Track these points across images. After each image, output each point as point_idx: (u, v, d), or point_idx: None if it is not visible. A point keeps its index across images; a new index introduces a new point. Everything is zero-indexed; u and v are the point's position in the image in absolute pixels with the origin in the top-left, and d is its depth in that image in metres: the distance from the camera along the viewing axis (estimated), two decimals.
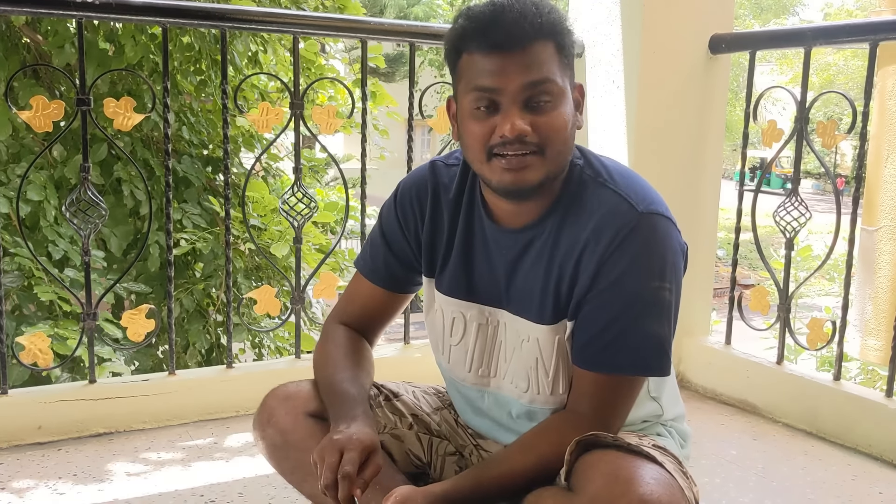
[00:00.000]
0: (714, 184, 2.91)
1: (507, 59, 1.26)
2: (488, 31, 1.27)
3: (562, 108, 1.29)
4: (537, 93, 1.27)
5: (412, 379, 1.76)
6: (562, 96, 1.29)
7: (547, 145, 1.29)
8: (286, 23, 2.43)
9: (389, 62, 18.48)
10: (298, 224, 2.55)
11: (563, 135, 1.30)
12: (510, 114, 1.27)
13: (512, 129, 1.26)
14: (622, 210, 1.33)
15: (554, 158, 1.31)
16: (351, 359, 1.53)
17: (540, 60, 1.27)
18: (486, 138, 1.30)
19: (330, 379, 1.47)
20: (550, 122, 1.28)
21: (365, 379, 1.51)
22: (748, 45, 2.72)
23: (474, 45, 1.29)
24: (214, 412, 2.46)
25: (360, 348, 1.57)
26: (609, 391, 1.36)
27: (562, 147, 1.31)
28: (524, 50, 1.26)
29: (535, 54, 1.27)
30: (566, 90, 1.31)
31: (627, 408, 1.39)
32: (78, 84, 2.23)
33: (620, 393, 1.37)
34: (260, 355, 4.80)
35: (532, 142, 1.28)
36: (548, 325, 1.40)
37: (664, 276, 1.33)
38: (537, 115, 1.28)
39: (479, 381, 1.53)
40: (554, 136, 1.29)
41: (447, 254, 1.51)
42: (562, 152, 1.32)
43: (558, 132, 1.29)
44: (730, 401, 2.72)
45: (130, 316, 2.40)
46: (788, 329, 2.60)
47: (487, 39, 1.27)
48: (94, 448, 2.24)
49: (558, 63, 1.29)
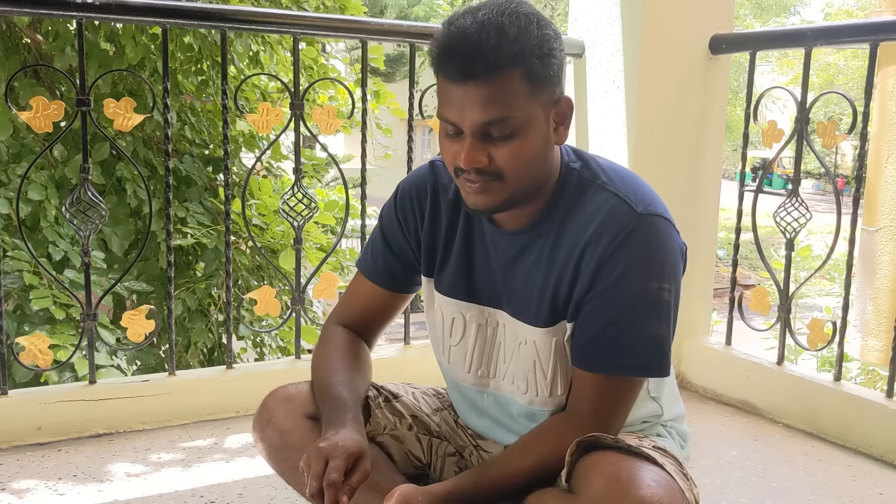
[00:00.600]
0: (714, 184, 2.91)
1: (468, 92, 1.24)
2: (452, 60, 1.24)
3: (524, 138, 1.27)
4: (495, 128, 1.26)
5: (412, 380, 1.76)
6: (525, 126, 1.27)
7: (506, 174, 1.28)
8: (286, 23, 2.43)
9: (390, 62, 18.45)
10: (299, 225, 2.55)
11: (522, 162, 1.29)
12: (467, 145, 1.27)
13: (466, 161, 1.27)
14: (621, 211, 1.33)
15: (515, 183, 1.30)
16: (347, 361, 1.52)
17: (500, 95, 1.23)
18: (452, 158, 1.31)
19: (324, 382, 1.47)
20: (509, 154, 1.27)
21: (360, 381, 1.50)
22: (748, 45, 2.72)
23: (442, 70, 1.27)
24: (214, 413, 2.46)
25: (357, 350, 1.57)
26: (609, 392, 1.36)
27: (522, 172, 1.30)
28: (484, 84, 1.23)
29: (496, 88, 1.23)
30: (533, 117, 1.28)
31: (627, 408, 1.39)
32: (78, 84, 2.23)
33: (620, 394, 1.37)
34: (261, 354, 4.81)
35: (489, 171, 1.28)
36: (543, 328, 1.41)
37: (663, 277, 1.33)
38: (497, 146, 1.27)
39: (478, 382, 1.54)
40: (512, 164, 1.28)
41: (446, 254, 1.52)
42: (524, 177, 1.31)
43: (517, 161, 1.28)
44: (730, 401, 2.72)
45: (130, 316, 2.40)
46: (789, 329, 2.59)
47: (449, 69, 1.25)
48: (94, 449, 2.24)
49: (525, 91, 1.25)
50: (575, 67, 2.92)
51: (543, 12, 1.41)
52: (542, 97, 1.29)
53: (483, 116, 1.25)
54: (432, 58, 1.30)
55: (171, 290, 2.47)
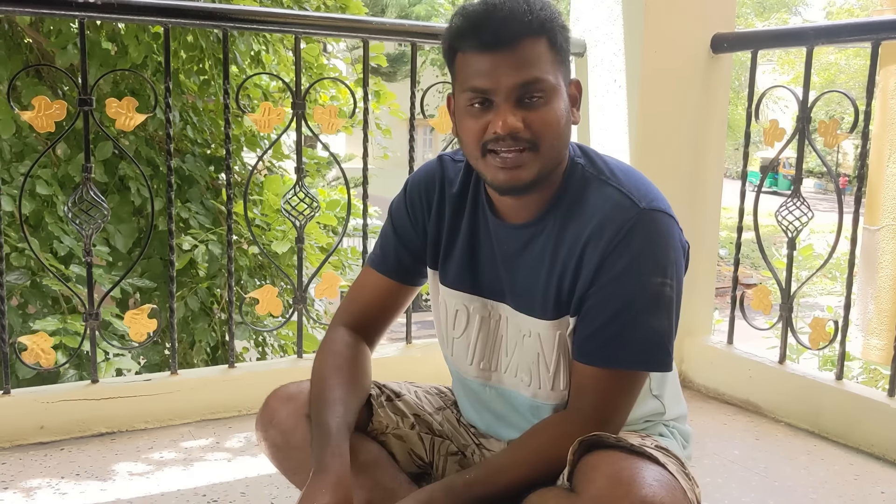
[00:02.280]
0: (716, 183, 2.91)
1: (499, 59, 1.27)
2: (480, 30, 1.28)
3: (554, 104, 1.31)
4: (529, 91, 1.28)
5: (414, 379, 1.76)
6: (554, 92, 1.30)
7: (540, 141, 1.30)
8: (288, 23, 2.43)
9: (391, 61, 18.44)
10: (300, 224, 2.56)
11: (555, 129, 1.31)
12: (502, 111, 1.29)
13: (504, 126, 1.28)
14: (624, 206, 1.34)
15: (547, 153, 1.32)
16: (343, 375, 1.49)
17: (531, 58, 1.28)
18: (480, 134, 1.32)
19: (317, 402, 1.44)
20: (543, 118, 1.30)
21: (353, 399, 1.47)
22: (750, 44, 2.72)
23: (467, 44, 1.30)
24: (217, 412, 2.47)
25: (356, 358, 1.54)
26: (610, 387, 1.36)
27: (555, 141, 1.32)
28: (515, 48, 1.27)
29: (526, 52, 1.27)
30: (559, 86, 1.32)
31: (629, 404, 1.39)
32: (80, 84, 2.23)
33: (622, 389, 1.37)
34: (263, 354, 4.81)
35: (525, 138, 1.29)
36: (549, 320, 1.41)
37: (666, 272, 1.33)
38: (530, 111, 1.29)
39: (480, 375, 1.54)
40: (547, 131, 1.30)
41: (449, 246, 1.52)
42: (555, 146, 1.33)
43: (551, 127, 1.30)
44: (732, 400, 2.72)
45: (133, 316, 2.41)
46: (791, 328, 2.59)
47: (479, 39, 1.28)
48: (96, 448, 2.24)
49: (550, 60, 1.30)
50: (576, 66, 2.92)
51: None
52: (563, 70, 1.34)
53: (518, 78, 1.28)
54: (453, 35, 1.33)
55: (173, 290, 2.48)
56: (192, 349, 4.11)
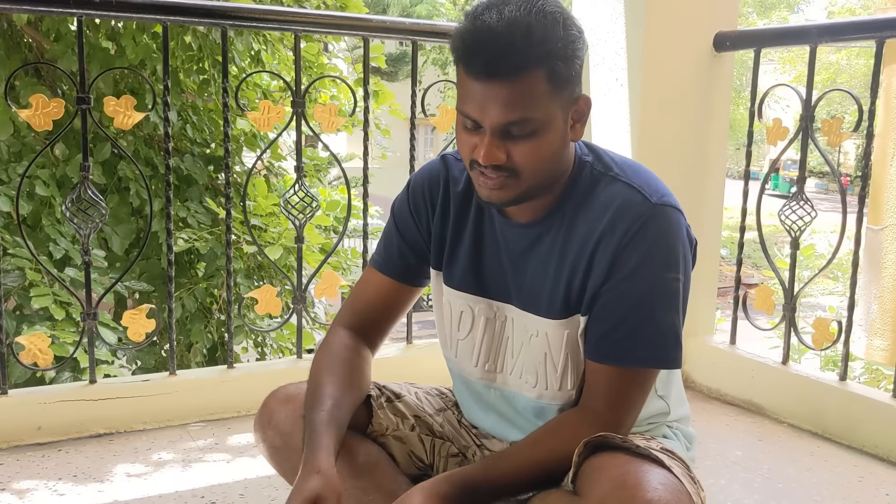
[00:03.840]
0: (718, 182, 2.89)
1: (490, 91, 1.23)
2: (473, 58, 1.24)
3: (543, 137, 1.27)
4: (517, 128, 1.26)
5: (415, 380, 1.74)
6: (545, 126, 1.27)
7: (521, 171, 1.28)
8: (288, 21, 2.41)
9: (392, 61, 18.46)
10: (300, 223, 2.54)
11: (541, 161, 1.29)
12: (487, 142, 1.26)
13: (485, 158, 1.27)
14: (636, 201, 1.33)
15: (530, 179, 1.30)
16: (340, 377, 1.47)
17: (523, 95, 1.23)
18: (469, 151, 1.31)
19: (309, 402, 1.42)
20: (528, 152, 1.27)
21: (347, 400, 1.44)
22: (753, 42, 2.70)
23: (463, 64, 1.27)
24: (215, 412, 2.45)
25: (353, 360, 1.52)
26: (624, 385, 1.35)
27: (539, 171, 1.30)
28: (508, 84, 1.22)
29: (519, 88, 1.22)
30: (553, 117, 1.27)
31: (641, 403, 1.38)
32: (78, 83, 2.21)
33: (635, 387, 1.36)
34: (263, 355, 4.79)
35: (506, 167, 1.28)
36: (557, 319, 1.40)
37: (677, 267, 1.33)
38: (516, 143, 1.27)
39: (485, 376, 1.53)
40: (531, 162, 1.28)
41: (455, 247, 1.51)
42: (539, 174, 1.31)
43: (536, 159, 1.28)
44: (735, 401, 2.71)
45: (131, 316, 2.39)
46: (794, 329, 2.57)
47: (473, 66, 1.24)
48: (94, 449, 2.23)
49: (547, 92, 1.24)
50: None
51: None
52: (563, 97, 1.28)
53: (505, 117, 1.24)
54: (453, 49, 1.30)
55: (171, 290, 2.46)
56: (189, 351, 4.09)
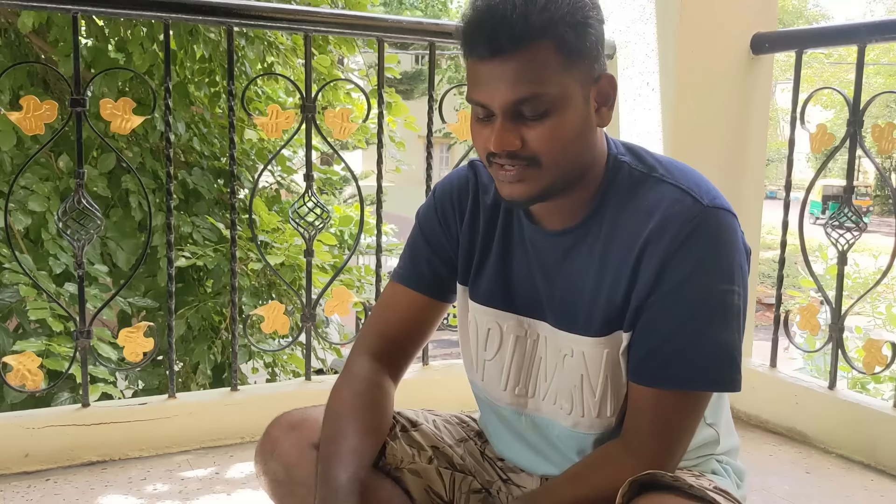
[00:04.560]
0: (756, 195, 2.72)
1: (494, 70, 1.12)
2: (474, 37, 1.13)
3: (560, 116, 1.14)
4: (527, 106, 1.12)
5: (432, 404, 1.60)
6: (561, 103, 1.13)
7: (541, 157, 1.15)
8: (297, 20, 2.26)
9: (408, 79, 18.46)
10: (310, 236, 2.38)
11: (560, 144, 1.15)
12: (497, 127, 1.14)
13: (497, 145, 1.14)
14: (687, 204, 1.18)
15: (553, 169, 1.16)
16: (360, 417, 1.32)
17: (530, 69, 1.11)
18: (484, 144, 1.18)
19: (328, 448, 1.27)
20: (544, 134, 1.14)
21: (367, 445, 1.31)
22: (794, 43, 2.54)
23: (468, 49, 1.15)
24: (217, 439, 2.30)
25: (376, 396, 1.37)
26: (673, 411, 1.20)
27: (561, 157, 1.16)
28: (513, 58, 1.10)
29: (525, 63, 1.11)
30: (569, 93, 1.14)
31: (692, 432, 1.22)
32: (73, 84, 2.07)
33: (685, 413, 1.20)
34: (273, 376, 4.63)
35: (523, 155, 1.15)
36: (595, 337, 1.24)
37: (733, 277, 1.18)
38: (530, 126, 1.14)
39: (515, 401, 1.37)
40: (548, 147, 1.14)
41: (483, 259, 1.37)
42: (562, 161, 1.16)
43: (554, 143, 1.14)
44: (777, 429, 2.51)
45: (127, 334, 2.24)
46: (842, 350, 2.39)
47: (475, 46, 1.13)
48: (84, 478, 2.07)
49: (558, 65, 1.12)
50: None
51: None
52: (579, 72, 1.15)
53: (512, 94, 1.12)
54: (459, 39, 1.18)
55: (171, 306, 2.30)
56: (194, 373, 3.93)
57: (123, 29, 4.03)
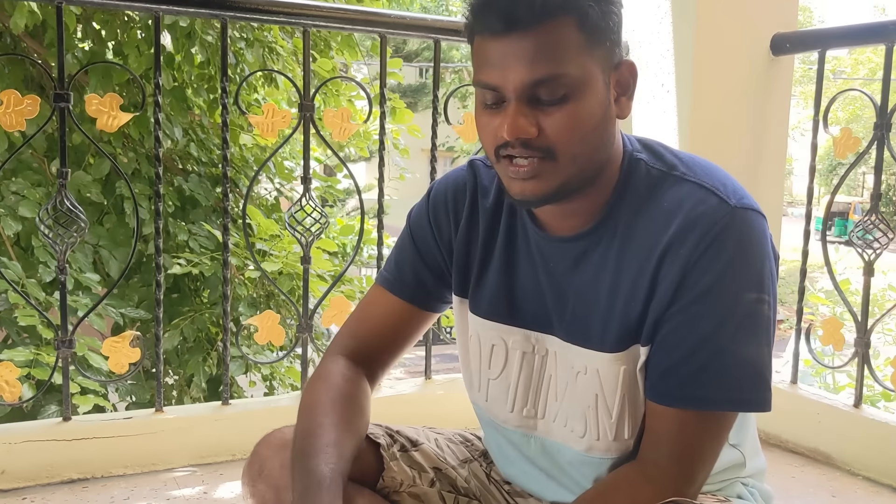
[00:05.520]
0: (775, 203, 2.61)
1: (510, 47, 1.01)
2: (489, 9, 1.02)
3: (580, 102, 1.03)
4: (546, 88, 1.02)
5: (435, 422, 1.50)
6: (581, 87, 1.03)
7: (557, 149, 1.04)
8: (295, 13, 2.15)
9: (413, 92, 18.42)
10: (307, 242, 2.26)
11: (579, 134, 1.04)
12: (511, 112, 1.03)
13: (511, 131, 1.03)
14: (712, 205, 1.07)
15: (569, 163, 1.05)
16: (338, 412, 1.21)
17: (550, 47, 1.01)
18: (492, 135, 1.07)
19: (304, 443, 1.16)
20: (562, 122, 1.03)
21: (347, 440, 1.19)
22: (817, 43, 2.43)
23: (478, 26, 1.04)
24: (207, 456, 2.17)
25: (354, 393, 1.27)
26: (695, 433, 1.09)
27: (579, 149, 1.05)
28: (529, 34, 1.00)
29: (544, 39, 1.00)
30: (590, 77, 1.04)
31: (715, 455, 1.11)
32: (56, 77, 1.97)
33: (708, 435, 1.09)
34: (271, 389, 4.51)
35: (538, 146, 1.03)
36: (611, 352, 1.13)
37: (763, 285, 1.07)
38: (547, 112, 1.03)
39: (523, 424, 1.26)
40: (566, 137, 1.03)
41: (483, 268, 1.25)
42: (580, 154, 1.06)
43: (573, 132, 1.04)
44: (798, 449, 2.38)
45: (112, 344, 2.12)
46: (868, 366, 2.26)
47: (487, 20, 1.02)
48: (63, 497, 1.95)
49: (579, 44, 1.02)
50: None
51: None
52: (600, 54, 1.05)
53: (530, 74, 1.01)
54: (466, 15, 1.07)
55: (159, 315, 2.18)
56: (188, 386, 3.80)
57: (120, 32, 3.94)
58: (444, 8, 15.07)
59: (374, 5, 4.61)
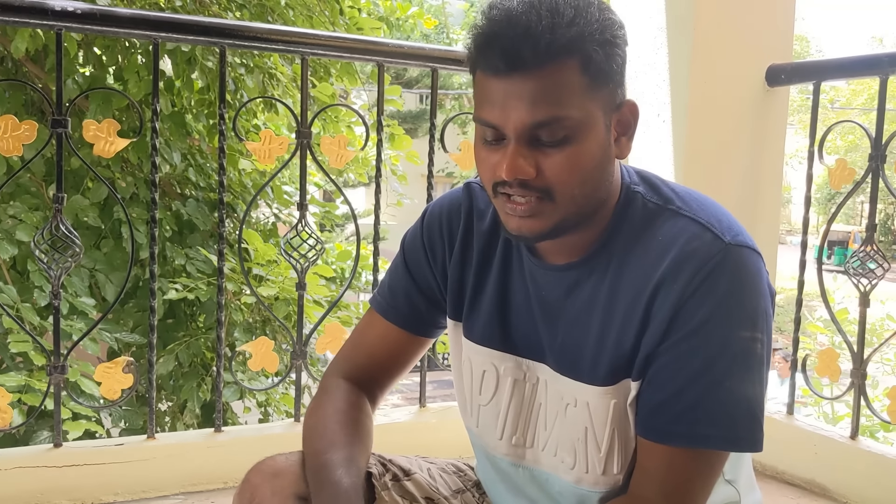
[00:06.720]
0: (771, 233, 2.59)
1: (513, 87, 1.01)
2: (491, 49, 1.01)
3: (580, 144, 1.03)
4: (546, 130, 1.02)
5: (428, 450, 1.51)
6: (582, 129, 1.03)
7: (556, 190, 1.04)
8: (293, 41, 2.16)
9: (412, 118, 18.47)
10: (302, 268, 2.26)
11: (578, 176, 1.04)
12: (510, 153, 1.03)
13: (509, 172, 1.02)
14: (706, 240, 1.07)
15: (567, 204, 1.05)
16: (347, 432, 1.23)
17: (552, 90, 1.00)
18: (490, 171, 1.06)
19: (320, 459, 1.17)
20: (561, 164, 1.03)
21: (361, 459, 1.21)
22: (812, 75, 2.44)
23: (480, 62, 1.04)
24: (199, 483, 2.14)
25: (358, 417, 1.27)
26: (685, 471, 1.08)
27: (578, 190, 1.05)
28: (533, 76, 1.00)
29: (547, 82, 1.00)
30: (591, 119, 1.04)
31: (707, 494, 1.10)
32: (54, 103, 1.97)
33: (699, 473, 1.08)
34: (266, 415, 4.48)
35: (537, 186, 1.03)
36: (601, 386, 1.12)
37: (756, 323, 1.06)
38: (546, 153, 1.03)
39: (512, 452, 1.25)
40: (565, 179, 1.04)
41: (477, 292, 1.25)
42: (579, 195, 1.06)
43: (572, 174, 1.04)
44: (794, 480, 2.36)
45: (105, 370, 2.10)
46: (864, 398, 2.25)
47: (490, 59, 1.02)
48: None
49: (582, 86, 1.02)
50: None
51: None
52: (603, 96, 1.04)
53: (531, 116, 1.01)
54: (469, 50, 1.07)
55: (153, 340, 2.16)
56: (182, 412, 3.78)
57: (121, 57, 3.96)
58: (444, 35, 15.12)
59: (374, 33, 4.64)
